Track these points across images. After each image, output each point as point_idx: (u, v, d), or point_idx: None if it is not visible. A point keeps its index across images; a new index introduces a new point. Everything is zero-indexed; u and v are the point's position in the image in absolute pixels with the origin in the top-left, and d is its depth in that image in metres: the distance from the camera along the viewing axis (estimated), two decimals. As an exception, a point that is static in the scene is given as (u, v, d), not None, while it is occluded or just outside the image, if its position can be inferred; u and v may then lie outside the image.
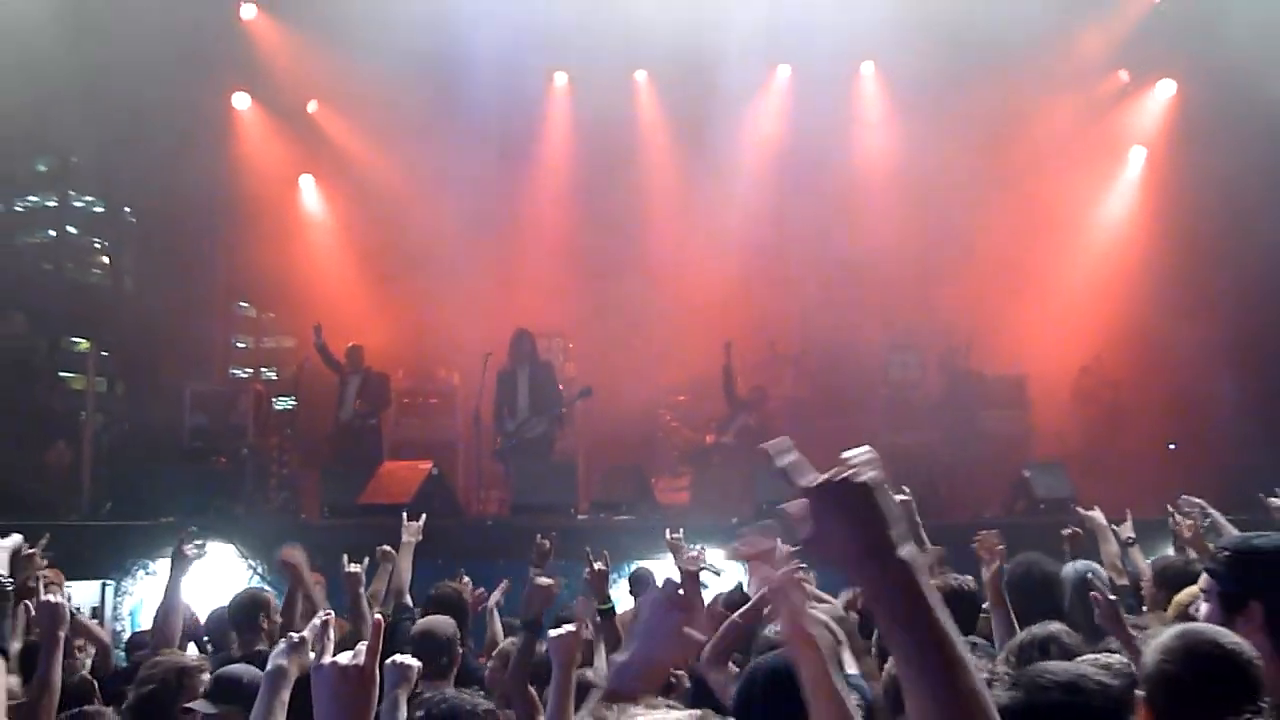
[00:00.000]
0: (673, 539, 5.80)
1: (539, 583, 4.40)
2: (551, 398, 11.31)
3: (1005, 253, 12.27)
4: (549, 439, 11.23)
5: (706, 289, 12.38)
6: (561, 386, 11.88)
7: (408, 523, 6.02)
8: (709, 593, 5.61)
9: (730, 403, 11.71)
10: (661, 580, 2.12)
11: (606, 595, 4.53)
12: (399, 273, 13.06)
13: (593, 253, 12.98)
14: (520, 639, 4.28)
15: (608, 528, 9.32)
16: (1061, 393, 12.26)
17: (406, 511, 6.29)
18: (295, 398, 13.83)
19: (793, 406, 12.64)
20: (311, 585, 5.40)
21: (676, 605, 1.98)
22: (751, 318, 12.83)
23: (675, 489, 11.96)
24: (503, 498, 11.31)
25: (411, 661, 2.91)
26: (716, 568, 4.98)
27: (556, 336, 13.13)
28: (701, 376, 12.39)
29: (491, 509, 11.30)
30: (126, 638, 7.30)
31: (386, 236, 13.20)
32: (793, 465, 1.44)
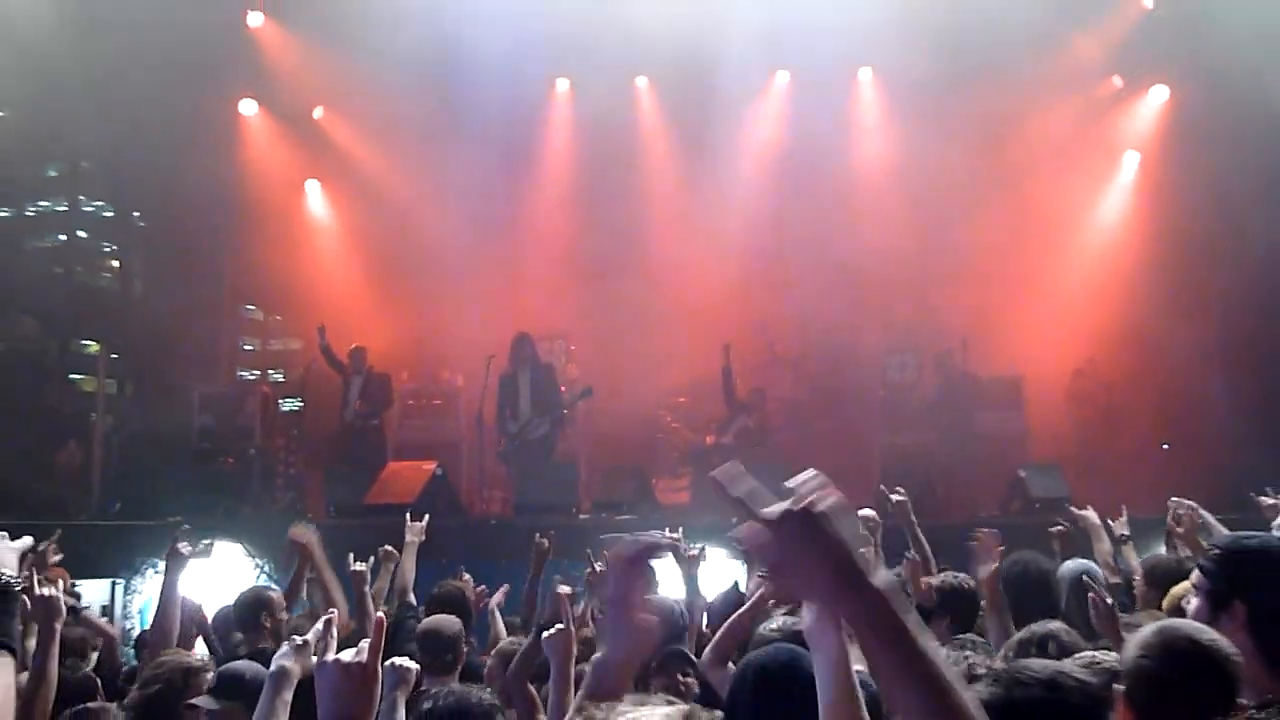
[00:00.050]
0: (671, 538, 5.78)
1: (558, 591, 4.43)
2: (553, 399, 11.31)
3: (1001, 256, 12.26)
4: (551, 440, 11.24)
5: (706, 291, 12.37)
6: (564, 389, 11.89)
7: (411, 523, 6.03)
8: (708, 593, 5.64)
9: (730, 404, 11.71)
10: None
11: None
12: (403, 276, 13.09)
13: (594, 255, 12.99)
14: (528, 642, 4.29)
15: (609, 528, 9.29)
16: (1056, 394, 12.23)
17: (410, 512, 6.30)
18: (302, 399, 13.85)
19: (791, 408, 12.67)
20: (324, 564, 5.37)
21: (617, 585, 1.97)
22: (751, 320, 12.85)
23: (675, 489, 11.95)
24: (505, 498, 11.33)
25: (410, 664, 2.92)
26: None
27: (558, 338, 13.15)
28: (701, 378, 12.39)
29: (494, 509, 11.32)
30: (135, 636, 7.30)
31: (391, 240, 13.22)
32: (750, 495, 1.40)
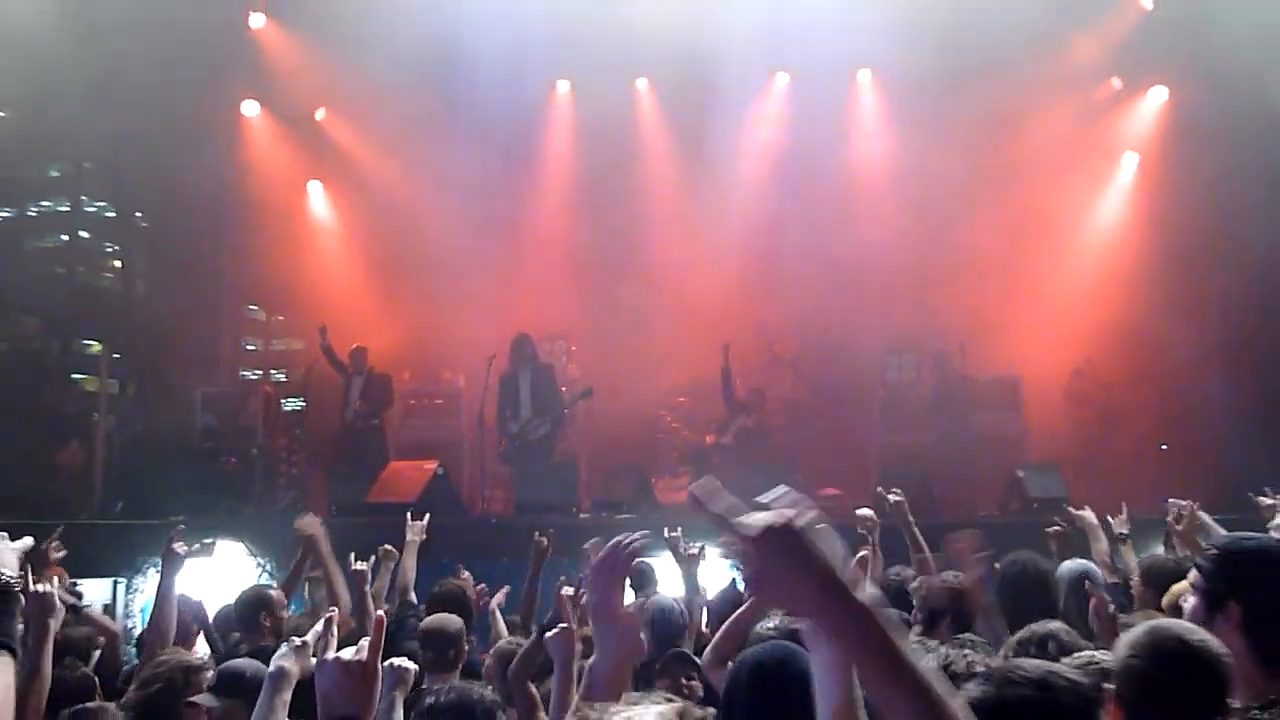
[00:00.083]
0: (670, 536, 5.78)
1: (562, 593, 4.43)
2: (553, 399, 11.31)
3: (1000, 256, 12.26)
4: (551, 440, 11.23)
5: (706, 292, 12.37)
6: (564, 389, 11.89)
7: (412, 522, 6.03)
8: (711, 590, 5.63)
9: (729, 404, 11.71)
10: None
11: None
12: (405, 276, 13.08)
13: (594, 256, 12.99)
14: (530, 641, 4.29)
15: (609, 527, 9.25)
16: (1055, 394, 12.23)
17: (411, 511, 6.30)
18: (304, 399, 13.84)
19: (791, 408, 12.67)
20: (329, 557, 5.35)
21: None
22: (750, 320, 12.83)
23: (675, 488, 11.92)
24: (506, 497, 11.31)
25: (409, 665, 2.92)
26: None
27: (559, 339, 13.14)
28: (701, 378, 12.39)
29: (495, 508, 11.30)
30: (137, 634, 7.29)
31: (393, 241, 13.21)
32: (729, 511, 1.38)
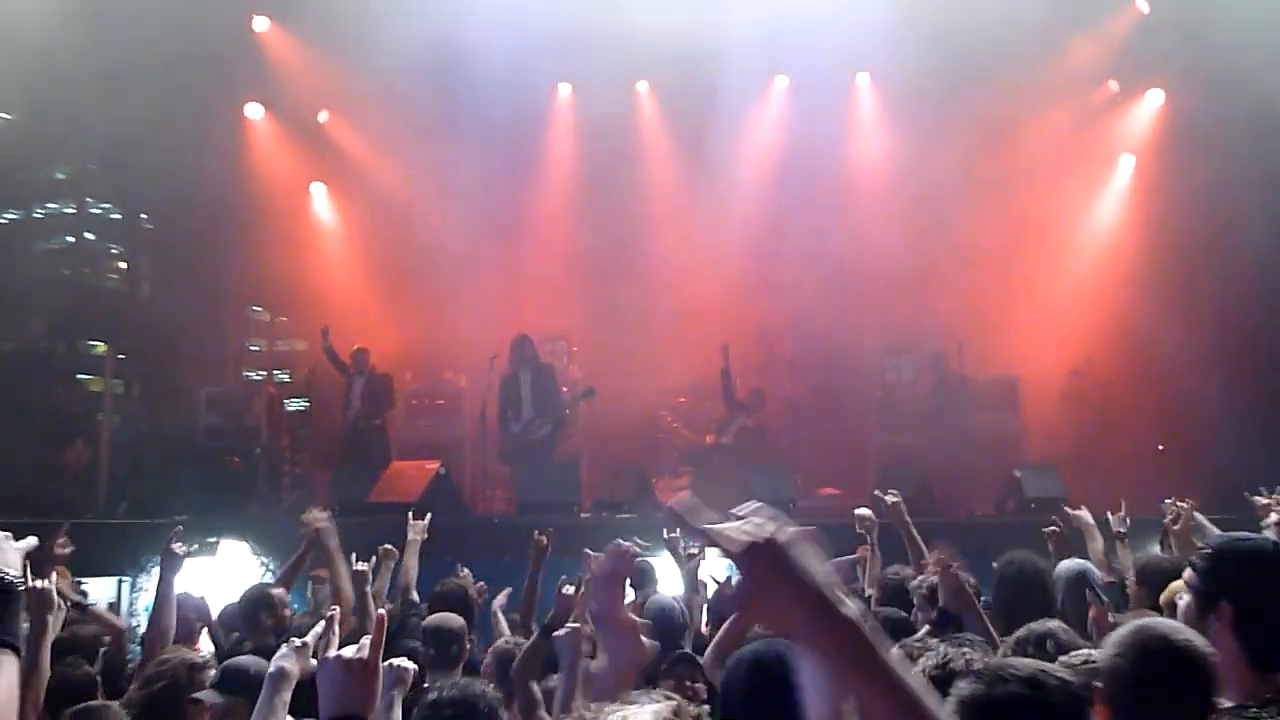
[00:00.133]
0: (670, 537, 5.78)
1: (563, 592, 4.44)
2: (554, 400, 11.31)
3: (998, 258, 12.25)
4: (553, 440, 11.24)
5: (706, 294, 12.37)
6: (565, 389, 11.89)
7: (414, 521, 6.03)
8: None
9: (729, 404, 11.70)
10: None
11: None
12: (408, 278, 13.08)
13: (595, 258, 12.99)
14: (533, 640, 4.29)
15: (610, 526, 9.29)
16: (1053, 395, 12.23)
17: (413, 510, 6.31)
18: (307, 399, 13.85)
19: (790, 408, 12.68)
20: (336, 552, 5.36)
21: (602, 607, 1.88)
22: (750, 322, 12.84)
23: (676, 488, 11.91)
24: (508, 497, 11.30)
25: (408, 664, 2.94)
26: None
27: (560, 340, 13.14)
28: (701, 379, 12.39)
29: (497, 508, 11.30)
30: (141, 633, 7.30)
31: (395, 243, 13.22)
32: (713, 528, 1.38)
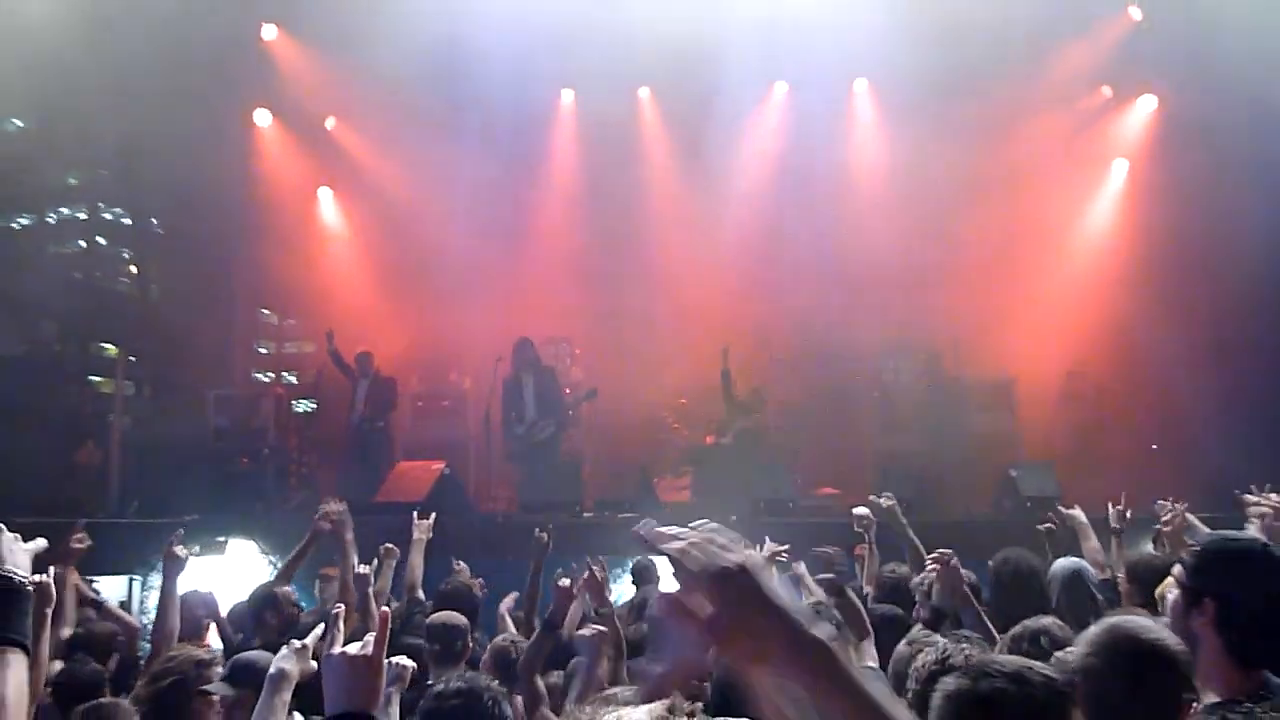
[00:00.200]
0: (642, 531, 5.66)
1: (559, 585, 4.46)
2: (557, 401, 11.33)
3: (995, 261, 12.26)
4: (556, 441, 11.25)
5: (707, 296, 12.38)
6: (568, 390, 11.91)
7: (419, 520, 6.06)
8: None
9: (729, 405, 11.70)
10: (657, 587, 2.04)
11: (605, 598, 4.55)
12: (414, 280, 13.10)
13: (598, 261, 13.00)
14: (536, 636, 4.31)
15: (612, 525, 9.30)
16: (1049, 395, 12.23)
17: (419, 510, 6.33)
18: (315, 401, 13.87)
19: (789, 409, 12.66)
20: (351, 545, 5.35)
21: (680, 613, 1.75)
22: (750, 324, 12.85)
23: (677, 488, 11.93)
24: (512, 497, 11.33)
25: (407, 663, 2.96)
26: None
27: (563, 341, 13.16)
28: (702, 380, 12.37)
29: (501, 507, 11.31)
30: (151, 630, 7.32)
31: (401, 246, 13.25)
32: (679, 553, 1.30)
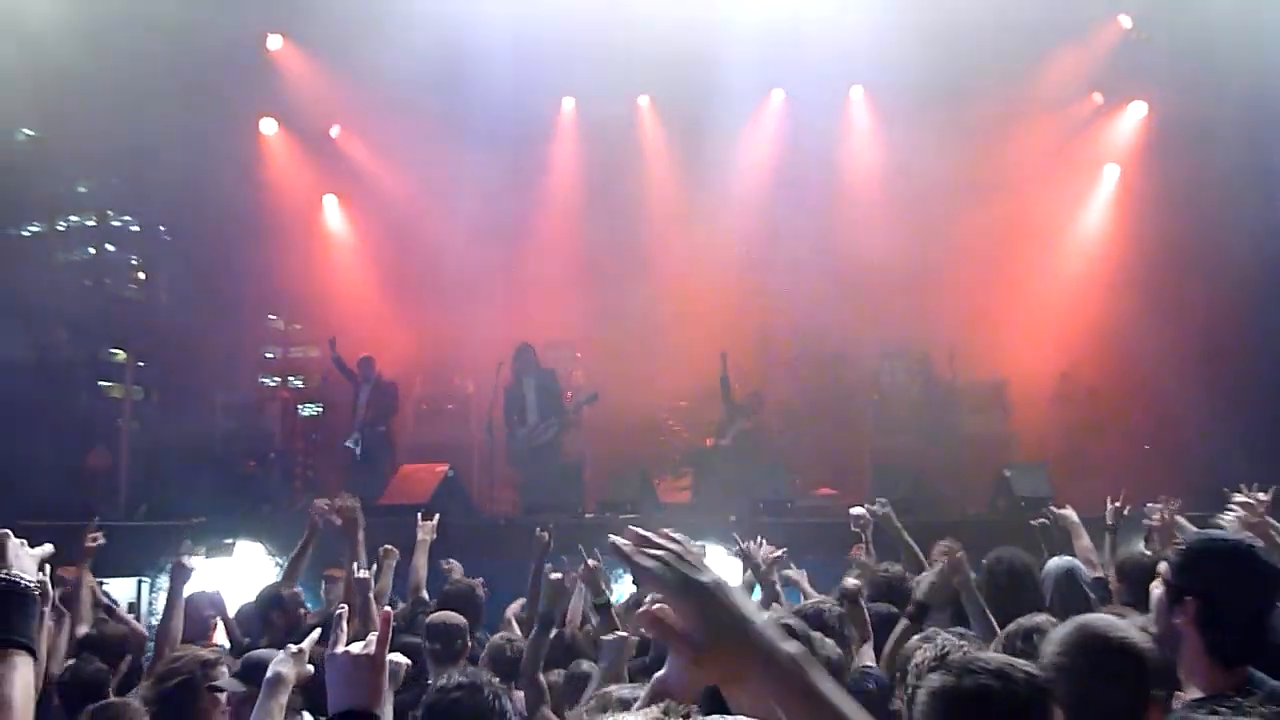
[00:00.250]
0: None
1: (550, 578, 4.40)
2: (558, 403, 11.35)
3: (989, 264, 12.28)
4: (558, 443, 11.27)
5: (706, 300, 12.38)
6: (569, 393, 11.92)
7: (423, 522, 6.08)
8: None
9: (728, 408, 11.71)
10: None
11: (601, 589, 4.55)
12: (417, 285, 13.13)
13: (599, 267, 13.02)
14: (534, 632, 4.29)
15: (613, 526, 9.25)
16: (1042, 397, 12.23)
17: (423, 511, 6.35)
18: (321, 404, 13.89)
19: (788, 411, 12.67)
20: (360, 544, 5.37)
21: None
22: (749, 327, 12.85)
23: (677, 489, 11.95)
24: (514, 498, 11.34)
25: (400, 659, 2.97)
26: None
27: (565, 346, 13.16)
28: (702, 383, 12.36)
29: (504, 509, 11.32)
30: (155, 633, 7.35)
31: (405, 252, 13.28)
32: (655, 567, 1.30)
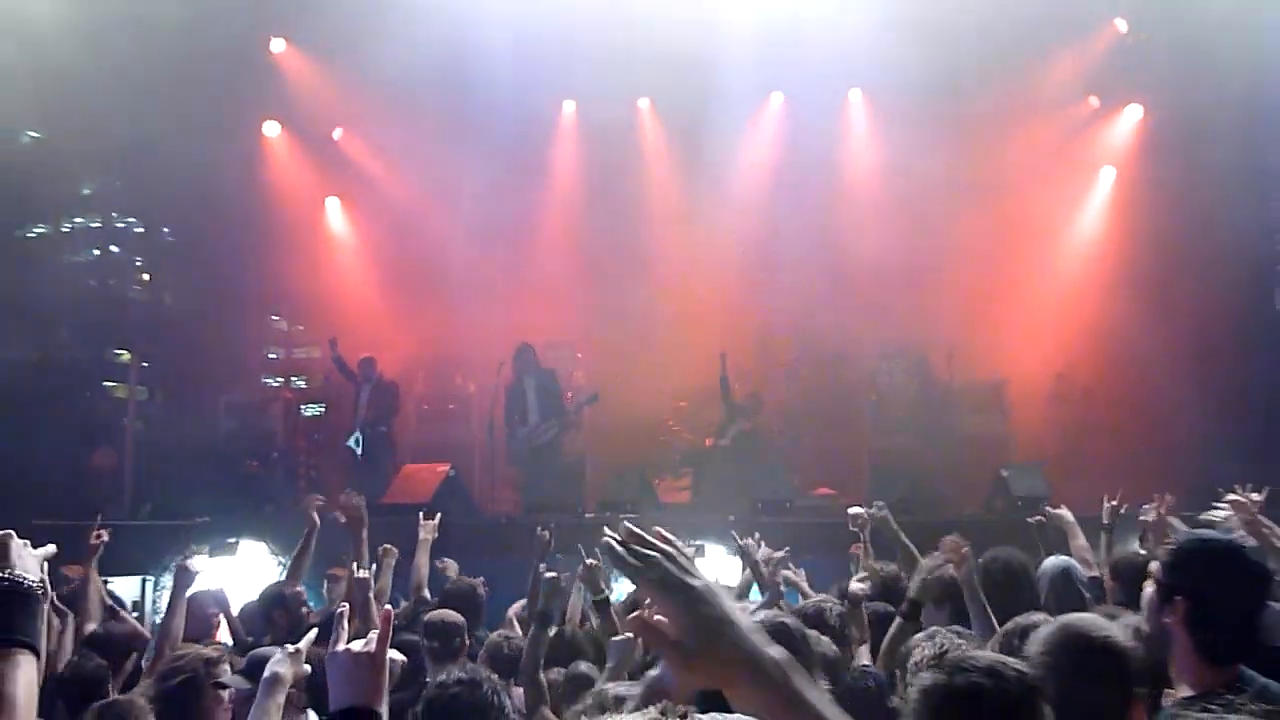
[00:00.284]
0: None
1: (546, 576, 4.42)
2: (558, 403, 11.35)
3: (987, 265, 12.27)
4: (559, 443, 11.27)
5: (706, 301, 12.39)
6: (570, 393, 11.93)
7: (424, 521, 6.09)
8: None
9: (727, 409, 11.71)
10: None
11: (600, 588, 4.56)
12: (419, 287, 13.12)
13: (599, 268, 13.02)
14: (531, 631, 4.29)
15: (613, 526, 9.24)
16: (1039, 397, 12.23)
17: (424, 511, 6.37)
18: (323, 404, 13.88)
19: (786, 411, 12.67)
20: (364, 543, 5.39)
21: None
22: (748, 328, 12.86)
23: (677, 489, 11.95)
24: (515, 498, 11.34)
25: (397, 656, 2.98)
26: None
27: (566, 346, 13.16)
28: (702, 383, 12.37)
29: (505, 508, 11.32)
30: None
31: (407, 253, 13.27)
32: (646, 568, 1.29)
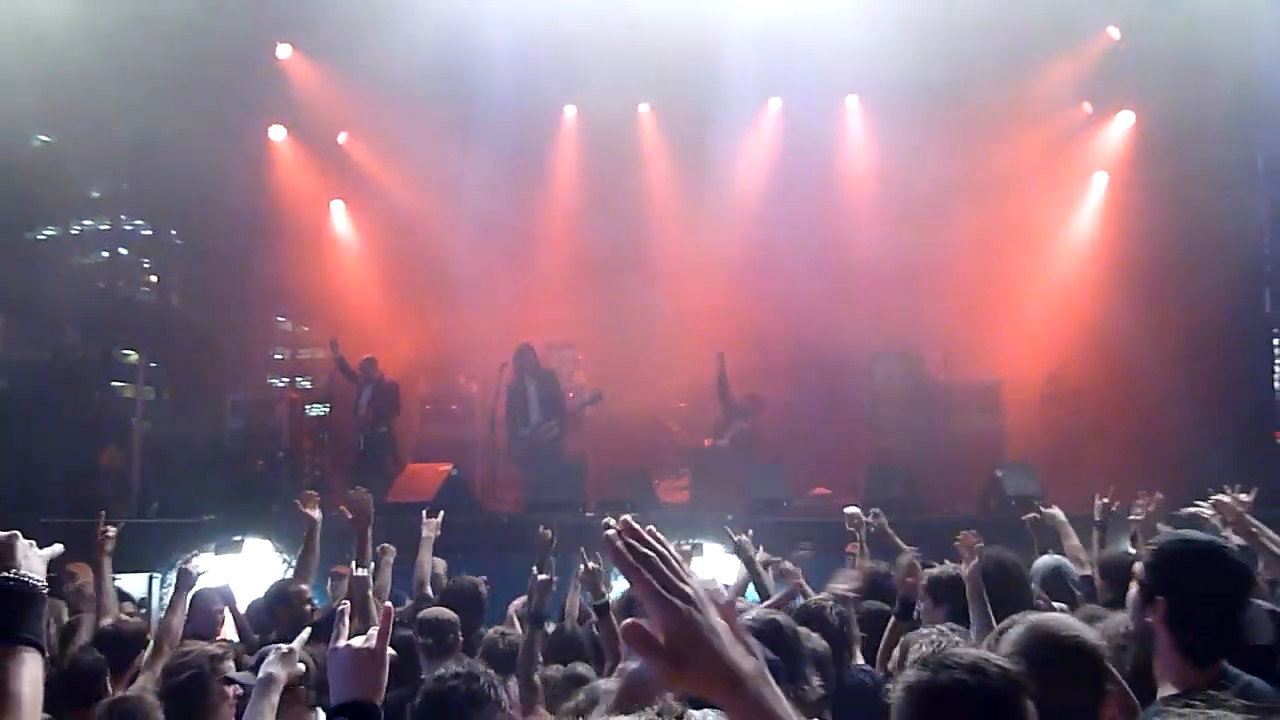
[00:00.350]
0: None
1: (538, 579, 4.48)
2: (559, 402, 11.35)
3: (982, 268, 12.28)
4: (560, 443, 11.26)
5: (705, 303, 12.39)
6: (571, 394, 11.92)
7: (427, 520, 6.09)
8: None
9: (725, 409, 11.71)
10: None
11: (601, 591, 4.55)
12: (422, 288, 13.13)
13: (600, 270, 13.01)
14: (526, 630, 4.33)
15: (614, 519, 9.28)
16: (1033, 398, 12.24)
17: (427, 509, 6.37)
18: (328, 404, 13.88)
19: (784, 412, 12.66)
20: (368, 540, 5.40)
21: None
22: (747, 330, 12.83)
23: (676, 488, 11.93)
24: (517, 497, 11.32)
25: (391, 652, 2.98)
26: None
27: (567, 347, 13.16)
28: (701, 384, 12.37)
29: (507, 507, 11.30)
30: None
31: (410, 255, 13.28)
32: (640, 570, 1.27)
